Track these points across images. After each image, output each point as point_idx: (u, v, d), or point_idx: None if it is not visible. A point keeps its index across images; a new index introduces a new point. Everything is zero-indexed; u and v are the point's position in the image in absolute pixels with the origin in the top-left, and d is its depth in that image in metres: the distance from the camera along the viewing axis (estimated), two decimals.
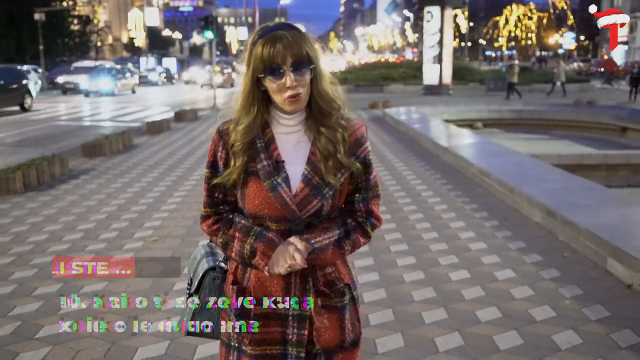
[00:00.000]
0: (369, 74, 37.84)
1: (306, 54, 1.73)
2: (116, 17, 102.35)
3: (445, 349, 3.59)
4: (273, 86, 1.74)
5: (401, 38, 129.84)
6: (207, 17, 21.28)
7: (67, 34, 65.27)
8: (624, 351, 3.53)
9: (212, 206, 1.90)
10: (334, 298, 1.83)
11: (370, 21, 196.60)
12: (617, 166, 11.78)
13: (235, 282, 1.88)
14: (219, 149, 1.86)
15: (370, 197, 1.89)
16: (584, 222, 5.32)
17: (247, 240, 1.80)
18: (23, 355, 3.58)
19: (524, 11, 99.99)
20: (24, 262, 5.34)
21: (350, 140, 1.83)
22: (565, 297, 4.33)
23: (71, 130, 16.91)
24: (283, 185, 1.78)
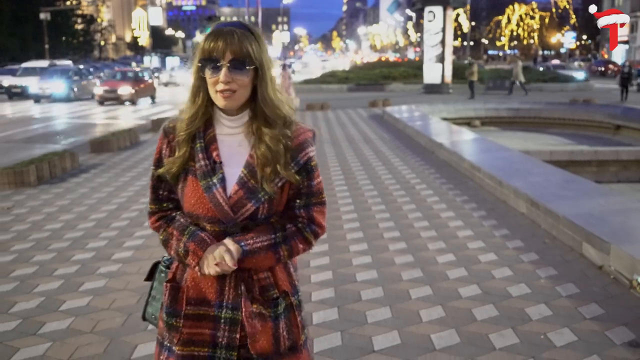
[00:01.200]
0: (370, 73, 38.24)
1: (248, 53, 1.73)
2: (120, 17, 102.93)
3: (428, 320, 4.00)
4: (209, 79, 1.75)
5: (403, 37, 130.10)
6: (210, 16, 21.74)
7: (71, 33, 65.85)
8: (588, 321, 3.93)
9: (156, 203, 1.91)
10: (267, 308, 1.82)
11: (372, 20, 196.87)
12: (607, 162, 12.18)
13: (172, 280, 1.88)
14: (164, 146, 1.87)
15: (313, 204, 1.86)
16: (563, 211, 5.73)
17: (182, 239, 1.80)
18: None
19: (526, 10, 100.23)
20: (42, 247, 5.76)
21: (292, 145, 1.80)
22: (540, 277, 4.73)
23: (79, 127, 17.35)
24: (218, 186, 1.77)
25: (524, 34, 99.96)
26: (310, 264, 5.12)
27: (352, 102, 23.79)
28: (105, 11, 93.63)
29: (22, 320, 4.10)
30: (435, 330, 3.83)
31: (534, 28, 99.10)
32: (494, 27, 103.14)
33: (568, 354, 3.49)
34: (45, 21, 41.48)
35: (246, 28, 1.76)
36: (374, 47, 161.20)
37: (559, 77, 35.19)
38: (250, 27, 1.77)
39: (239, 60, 1.72)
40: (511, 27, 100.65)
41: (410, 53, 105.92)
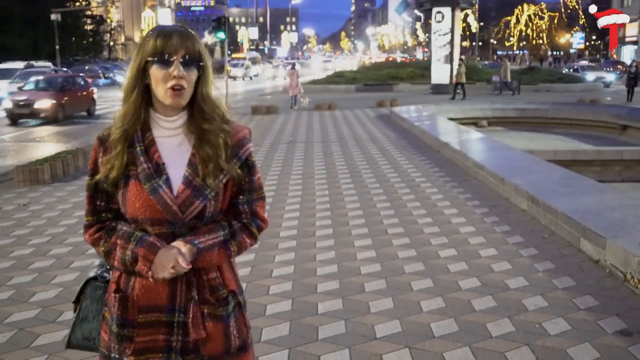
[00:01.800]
0: (378, 73, 38.40)
1: (197, 52, 1.77)
2: (129, 17, 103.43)
3: (428, 310, 4.18)
4: (159, 74, 1.74)
5: (412, 38, 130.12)
6: (219, 18, 21.90)
7: (81, 34, 66.32)
8: (582, 312, 4.10)
9: (94, 214, 1.86)
10: (218, 307, 1.83)
11: (381, 21, 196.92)
12: (610, 162, 12.30)
13: (117, 290, 1.83)
14: (99, 155, 1.83)
15: (255, 199, 1.89)
16: (561, 207, 5.89)
17: (129, 247, 1.77)
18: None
19: (534, 10, 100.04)
20: (59, 242, 5.99)
21: (232, 142, 1.83)
22: (538, 271, 4.91)
23: (92, 128, 17.61)
24: (164, 187, 1.76)
25: (533, 34, 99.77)
26: (316, 258, 5.31)
27: (359, 102, 23.96)
28: (115, 12, 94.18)
29: (42, 309, 4.31)
30: (435, 320, 4.02)
31: (542, 28, 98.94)
32: (503, 28, 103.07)
33: (561, 342, 3.67)
34: (56, 22, 41.81)
35: (187, 31, 1.80)
36: (383, 47, 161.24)
37: (566, 78, 35.19)
38: (191, 31, 1.82)
39: (191, 57, 1.75)
40: (520, 27, 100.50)
41: (418, 53, 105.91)
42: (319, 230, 6.23)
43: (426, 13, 32.80)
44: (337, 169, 9.64)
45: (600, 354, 3.51)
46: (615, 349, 3.57)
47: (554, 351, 3.55)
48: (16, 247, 5.84)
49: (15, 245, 5.91)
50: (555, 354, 3.52)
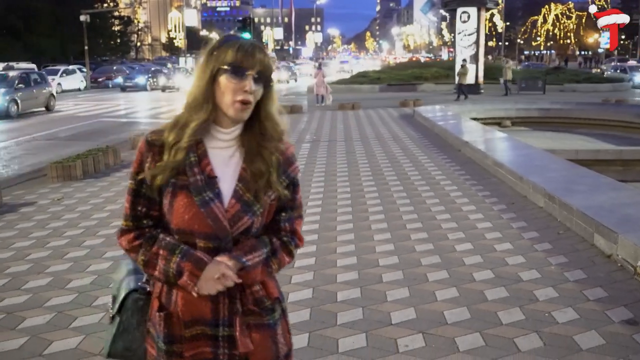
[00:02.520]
0: (402, 73, 38.49)
1: (271, 71, 1.77)
2: (155, 18, 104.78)
3: (442, 299, 4.38)
4: (230, 85, 1.72)
5: (437, 37, 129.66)
6: (245, 19, 22.30)
7: (109, 35, 67.36)
8: (590, 302, 4.27)
9: (134, 219, 1.82)
10: (265, 316, 1.83)
11: (406, 20, 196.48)
12: (631, 161, 12.34)
13: (161, 307, 1.82)
14: (146, 159, 1.78)
15: (295, 217, 1.90)
16: (576, 204, 6.05)
17: (173, 259, 1.74)
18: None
19: (562, 10, 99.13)
20: (92, 233, 6.29)
21: (282, 159, 1.83)
22: (551, 264, 5.08)
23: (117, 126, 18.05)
24: (215, 200, 1.75)
25: (560, 34, 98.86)
26: (337, 250, 5.54)
27: (383, 102, 24.13)
28: (142, 12, 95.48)
29: (79, 294, 4.60)
30: (448, 308, 4.22)
31: (570, 28, 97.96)
32: (530, 27, 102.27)
33: (568, 329, 3.85)
34: (85, 23, 42.60)
35: (264, 48, 1.82)
36: (407, 47, 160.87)
37: (593, 78, 34.94)
38: (263, 46, 1.82)
39: (264, 74, 1.75)
40: (547, 27, 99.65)
41: (444, 53, 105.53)
42: (340, 224, 6.46)
43: (451, 13, 32.80)
44: (359, 167, 9.85)
45: (605, 340, 3.68)
46: (620, 337, 3.74)
47: (561, 337, 3.73)
48: (52, 238, 6.16)
49: (51, 236, 6.22)
50: (562, 340, 3.70)
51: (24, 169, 11.11)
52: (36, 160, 12.07)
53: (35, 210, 7.34)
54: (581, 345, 3.64)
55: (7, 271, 5.17)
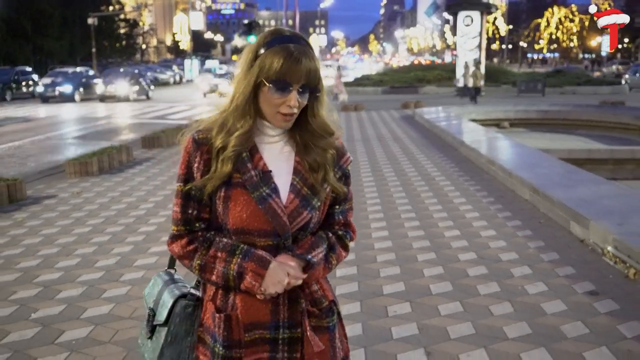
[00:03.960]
0: (405, 75, 39.04)
1: (317, 78, 1.68)
2: (161, 20, 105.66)
3: (429, 275, 4.93)
4: (272, 98, 1.66)
5: (441, 40, 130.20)
6: (250, 23, 22.85)
7: (115, 37, 68.10)
8: (560, 278, 4.82)
9: (185, 224, 1.75)
10: (325, 318, 1.78)
11: (410, 23, 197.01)
12: (623, 161, 12.87)
13: (218, 310, 1.75)
14: (195, 159, 1.72)
15: (347, 209, 1.86)
16: (557, 196, 6.59)
17: (233, 260, 1.68)
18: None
19: (565, 13, 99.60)
20: (113, 222, 6.86)
21: (335, 155, 1.81)
22: (530, 247, 5.63)
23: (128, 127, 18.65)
24: (273, 195, 1.69)
25: (564, 37, 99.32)
26: None
27: (385, 104, 24.68)
28: (147, 15, 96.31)
29: (105, 272, 5.17)
30: (434, 282, 4.77)
31: (573, 31, 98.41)
32: (533, 30, 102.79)
33: (537, 299, 4.39)
34: (93, 25, 43.32)
35: (308, 44, 1.70)
36: (411, 50, 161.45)
37: (593, 81, 35.42)
38: (310, 43, 1.72)
39: (309, 85, 1.67)
40: (550, 30, 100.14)
41: (447, 56, 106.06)
42: None
43: (455, 16, 33.34)
44: (359, 165, 10.40)
45: (567, 307, 4.23)
46: (582, 305, 4.29)
47: (530, 305, 4.28)
48: (76, 226, 6.72)
49: (75, 225, 6.79)
50: (530, 307, 4.25)
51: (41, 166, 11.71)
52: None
53: (57, 203, 7.91)
54: (546, 310, 4.19)
55: (39, 254, 5.74)
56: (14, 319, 4.22)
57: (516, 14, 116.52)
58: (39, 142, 15.34)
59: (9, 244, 6.05)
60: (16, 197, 7.99)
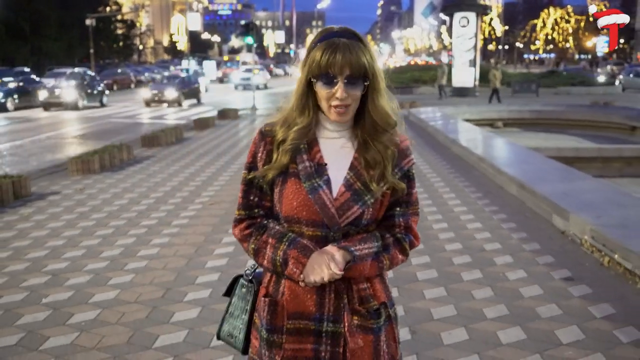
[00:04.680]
0: (401, 76, 39.31)
1: (364, 68, 1.69)
2: (158, 21, 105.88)
3: (416, 264, 5.23)
4: (322, 93, 1.71)
5: (437, 41, 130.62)
6: (247, 24, 23.10)
7: (113, 38, 68.34)
8: (540, 266, 5.12)
9: (246, 208, 1.85)
10: (370, 319, 1.77)
11: (407, 24, 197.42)
12: (610, 159, 13.18)
13: (267, 295, 1.82)
14: (259, 149, 1.81)
15: (410, 213, 1.84)
16: (542, 190, 6.90)
17: (280, 247, 1.74)
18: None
19: (561, 14, 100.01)
20: (116, 216, 7.14)
21: (396, 153, 1.80)
22: (513, 238, 5.93)
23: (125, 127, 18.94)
24: (324, 187, 1.73)
25: (559, 38, 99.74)
26: None
27: None
28: (144, 16, 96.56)
29: (110, 262, 5.46)
30: (420, 270, 5.07)
31: (569, 32, 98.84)
32: (529, 31, 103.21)
33: (517, 284, 4.70)
34: (91, 27, 43.57)
35: (356, 37, 1.73)
36: (408, 50, 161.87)
37: (587, 81, 35.77)
38: (359, 36, 1.75)
39: (355, 76, 1.69)
40: (546, 30, 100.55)
41: (444, 57, 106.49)
42: None
43: (451, 17, 33.63)
44: None
45: (544, 291, 4.54)
46: (558, 289, 4.59)
47: (509, 289, 4.59)
48: (81, 220, 7.01)
49: (80, 219, 7.07)
50: (510, 291, 4.55)
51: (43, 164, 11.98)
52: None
53: (62, 198, 8.19)
54: (524, 294, 4.49)
55: (46, 245, 6.02)
56: (26, 303, 4.51)
57: (512, 14, 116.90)
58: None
59: (17, 237, 6.33)
60: (21, 193, 8.28)
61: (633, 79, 36.66)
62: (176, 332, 3.97)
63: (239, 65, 53.00)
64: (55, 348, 3.78)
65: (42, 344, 3.83)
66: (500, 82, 26.16)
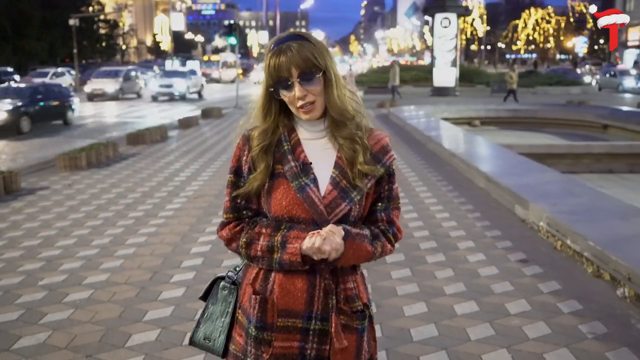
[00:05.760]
0: (383, 76, 39.76)
1: (312, 63, 1.73)
2: (141, 21, 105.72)
3: (390, 262, 5.64)
4: (286, 98, 1.76)
5: (420, 41, 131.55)
6: (231, 24, 23.42)
7: (96, 38, 68.26)
8: (499, 250, 5.58)
9: (234, 211, 1.88)
10: (355, 320, 1.81)
11: (390, 24, 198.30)
12: (580, 155, 13.70)
13: (255, 292, 1.82)
14: (244, 154, 1.85)
15: (392, 208, 1.88)
16: (506, 183, 7.37)
17: (278, 233, 1.77)
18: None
19: (542, 15, 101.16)
20: (104, 209, 7.50)
21: (375, 149, 1.82)
22: (477, 226, 6.39)
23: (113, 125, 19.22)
24: (311, 185, 1.75)
25: (540, 38, 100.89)
26: None
27: (363, 104, 25.38)
28: (127, 16, 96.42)
29: (100, 249, 5.84)
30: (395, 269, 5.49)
31: (550, 32, 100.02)
32: (511, 31, 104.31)
33: (476, 265, 5.15)
34: (74, 27, 43.64)
35: (302, 37, 1.77)
36: (392, 50, 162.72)
37: (564, 81, 36.49)
38: (305, 36, 1.78)
39: (306, 71, 1.73)
40: (527, 31, 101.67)
41: (426, 57, 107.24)
42: None
43: (434, 17, 34.17)
44: None
45: (500, 271, 5.00)
46: (512, 269, 5.05)
47: (469, 270, 5.04)
48: (71, 213, 7.36)
49: (70, 212, 7.42)
50: (469, 271, 5.01)
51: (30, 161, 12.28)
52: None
53: (51, 193, 8.53)
54: (481, 274, 4.95)
55: (39, 235, 6.38)
56: (23, 285, 4.89)
57: (494, 15, 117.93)
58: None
59: (10, 228, 6.68)
60: (12, 188, 8.61)
61: (609, 79, 37.53)
62: (163, 309, 4.37)
63: (219, 65, 53.09)
64: (52, 322, 4.16)
65: (41, 319, 4.21)
66: (516, 84, 26.19)
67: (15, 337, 3.94)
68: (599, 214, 5.93)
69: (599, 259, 4.78)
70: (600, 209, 6.12)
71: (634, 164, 13.27)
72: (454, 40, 32.13)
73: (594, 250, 4.87)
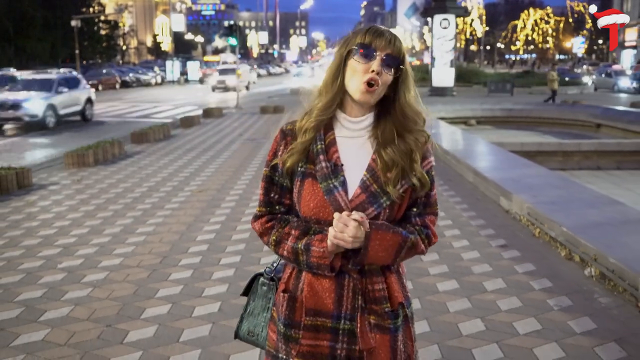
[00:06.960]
0: None
1: (402, 54, 1.74)
2: (142, 22, 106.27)
3: None
4: (358, 66, 1.71)
5: (420, 42, 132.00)
6: (231, 25, 23.84)
7: (97, 39, 68.72)
8: (482, 237, 6.03)
9: (267, 205, 1.87)
10: (387, 319, 1.78)
11: (390, 25, 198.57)
12: (570, 153, 14.17)
13: (286, 290, 1.84)
14: (280, 148, 1.83)
15: (428, 213, 1.84)
16: (493, 176, 7.82)
17: (304, 238, 1.75)
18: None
19: (541, 15, 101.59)
20: (113, 202, 7.95)
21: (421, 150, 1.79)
22: (463, 216, 6.84)
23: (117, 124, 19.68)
24: (339, 188, 1.73)
25: (539, 39, 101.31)
26: None
27: None
28: (128, 17, 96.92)
29: (112, 237, 6.28)
30: None
31: (549, 32, 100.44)
32: (510, 32, 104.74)
33: (459, 250, 5.61)
34: (76, 27, 44.14)
35: (398, 36, 1.78)
36: None
37: (560, 81, 36.92)
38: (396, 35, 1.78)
39: (393, 56, 1.72)
40: (526, 31, 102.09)
41: (426, 57, 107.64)
42: None
43: (432, 18, 34.60)
44: None
45: (481, 255, 5.46)
46: (493, 254, 5.51)
47: (453, 255, 5.49)
48: (82, 205, 7.80)
49: (81, 204, 7.87)
50: (453, 256, 5.46)
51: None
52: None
53: (61, 188, 8.98)
54: (464, 257, 5.40)
55: (53, 225, 6.83)
56: (44, 268, 5.34)
57: (494, 15, 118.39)
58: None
59: (26, 219, 7.13)
60: (24, 183, 9.06)
61: (604, 79, 37.98)
62: (173, 287, 4.81)
63: (218, 66, 53.34)
64: (74, 299, 4.61)
65: (63, 296, 4.66)
66: (558, 84, 26.04)
67: (41, 311, 4.39)
68: (574, 204, 6.39)
69: (571, 243, 5.24)
70: (576, 200, 6.58)
71: (621, 160, 13.75)
72: (452, 41, 32.59)
73: (567, 235, 5.32)
